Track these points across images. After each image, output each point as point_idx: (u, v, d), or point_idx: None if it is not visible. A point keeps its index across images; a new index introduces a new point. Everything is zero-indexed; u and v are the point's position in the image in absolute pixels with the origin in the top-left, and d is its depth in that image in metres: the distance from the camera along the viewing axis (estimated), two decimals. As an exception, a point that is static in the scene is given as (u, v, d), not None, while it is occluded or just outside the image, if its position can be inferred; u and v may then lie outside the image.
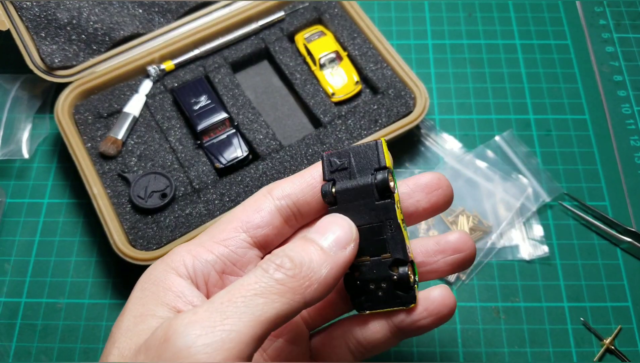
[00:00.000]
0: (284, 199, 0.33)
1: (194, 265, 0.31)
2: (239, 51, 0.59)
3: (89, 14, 0.58)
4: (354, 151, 0.32)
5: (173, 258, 0.31)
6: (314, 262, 0.28)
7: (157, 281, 0.30)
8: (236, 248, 0.32)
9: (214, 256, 0.31)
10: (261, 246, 0.33)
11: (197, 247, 0.32)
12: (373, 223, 0.31)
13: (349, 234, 0.30)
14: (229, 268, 0.32)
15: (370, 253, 0.32)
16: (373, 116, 0.55)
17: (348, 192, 0.32)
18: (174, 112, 0.57)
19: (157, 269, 0.31)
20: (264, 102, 0.58)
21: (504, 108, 0.60)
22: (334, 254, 0.29)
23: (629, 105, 0.60)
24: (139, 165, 0.53)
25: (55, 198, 0.56)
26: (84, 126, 0.55)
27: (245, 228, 0.32)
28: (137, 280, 0.31)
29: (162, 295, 0.29)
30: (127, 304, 0.30)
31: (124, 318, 0.29)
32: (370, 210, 0.31)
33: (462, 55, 0.63)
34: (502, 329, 0.49)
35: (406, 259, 0.31)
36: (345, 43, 0.59)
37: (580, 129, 0.59)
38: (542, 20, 0.65)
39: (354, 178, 0.32)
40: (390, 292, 0.32)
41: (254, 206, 0.33)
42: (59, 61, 0.57)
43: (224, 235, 0.32)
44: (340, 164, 0.32)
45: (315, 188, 0.33)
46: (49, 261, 0.53)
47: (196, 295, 0.30)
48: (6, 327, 0.50)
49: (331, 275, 0.29)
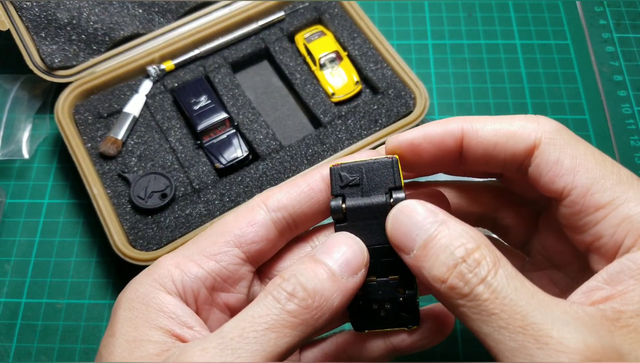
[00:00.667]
0: (280, 211, 0.31)
1: (183, 281, 0.29)
2: (239, 51, 0.59)
3: (89, 14, 0.58)
4: (366, 167, 0.31)
5: (159, 272, 0.29)
6: (326, 291, 0.27)
7: (146, 299, 0.29)
8: (228, 264, 0.30)
9: (204, 271, 0.30)
10: (254, 260, 0.31)
11: (186, 261, 0.30)
12: (384, 244, 0.30)
13: (361, 259, 0.29)
14: (220, 284, 0.30)
15: (378, 273, 0.31)
16: (373, 116, 0.55)
17: (360, 210, 0.30)
18: (174, 112, 0.57)
19: (144, 285, 0.29)
20: (264, 102, 0.58)
21: (504, 108, 0.60)
22: (345, 281, 0.28)
23: (629, 105, 0.60)
24: (139, 165, 0.53)
25: (55, 199, 0.56)
26: (84, 126, 0.55)
27: (238, 242, 0.30)
28: (121, 295, 0.30)
29: (153, 316, 0.28)
30: (115, 324, 0.28)
31: (115, 342, 0.28)
32: (382, 230, 0.30)
33: (462, 55, 0.63)
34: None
35: (414, 281, 0.31)
36: (345, 43, 0.59)
37: (580, 129, 0.59)
38: (542, 20, 0.65)
39: (367, 195, 0.31)
40: (394, 313, 0.31)
41: (248, 218, 0.31)
42: (59, 61, 0.57)
43: (214, 248, 0.30)
44: (351, 180, 0.31)
45: (312, 198, 0.31)
46: (49, 262, 0.52)
47: (188, 314, 0.29)
48: (6, 327, 0.50)
49: (342, 303, 0.28)
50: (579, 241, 0.30)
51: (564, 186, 0.28)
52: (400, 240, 0.28)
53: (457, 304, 0.26)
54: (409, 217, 0.28)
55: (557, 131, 0.29)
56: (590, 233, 0.28)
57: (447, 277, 0.26)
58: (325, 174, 0.32)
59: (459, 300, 0.25)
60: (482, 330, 0.25)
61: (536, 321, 0.24)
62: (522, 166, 0.30)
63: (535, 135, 0.29)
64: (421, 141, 0.31)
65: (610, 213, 0.27)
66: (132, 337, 0.27)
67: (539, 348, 0.24)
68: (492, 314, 0.25)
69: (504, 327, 0.24)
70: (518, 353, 0.24)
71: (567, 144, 0.29)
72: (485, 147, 0.30)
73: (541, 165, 0.29)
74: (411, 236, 0.27)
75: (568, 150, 0.29)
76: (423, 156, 0.31)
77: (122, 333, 0.28)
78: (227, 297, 0.31)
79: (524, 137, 0.29)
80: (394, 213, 0.29)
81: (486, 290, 0.25)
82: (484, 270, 0.25)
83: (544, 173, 0.29)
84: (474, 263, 0.25)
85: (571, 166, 0.28)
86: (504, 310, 0.24)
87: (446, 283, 0.26)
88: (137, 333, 0.28)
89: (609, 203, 0.27)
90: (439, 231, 0.27)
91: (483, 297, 0.25)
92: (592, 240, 0.28)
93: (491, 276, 0.25)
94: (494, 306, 0.25)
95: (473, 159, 0.31)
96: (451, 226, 0.27)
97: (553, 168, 0.28)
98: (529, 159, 0.29)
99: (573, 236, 0.30)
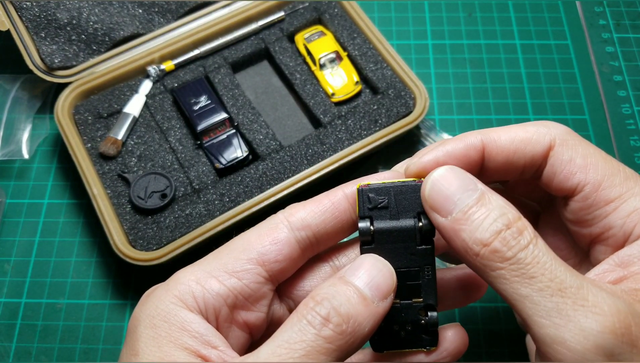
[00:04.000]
0: (304, 230, 0.31)
1: (205, 297, 0.29)
2: (239, 51, 0.59)
3: (89, 14, 0.58)
4: (395, 190, 0.31)
5: (180, 288, 0.29)
6: (359, 316, 0.27)
7: (168, 317, 0.28)
8: (250, 282, 0.30)
9: (226, 288, 0.29)
10: (275, 279, 0.31)
11: (207, 277, 0.29)
12: (411, 267, 0.31)
13: (391, 283, 0.29)
14: (241, 302, 0.30)
15: (402, 296, 0.31)
16: (373, 116, 0.55)
17: (388, 233, 0.30)
18: (174, 112, 0.57)
19: (164, 302, 0.29)
20: (264, 103, 0.58)
21: (504, 108, 0.60)
22: (376, 305, 0.28)
23: (629, 105, 0.60)
24: (139, 165, 0.53)
25: (55, 199, 0.56)
26: (84, 126, 0.55)
27: (261, 261, 0.30)
28: (139, 311, 0.29)
29: (177, 335, 0.27)
30: (137, 343, 0.28)
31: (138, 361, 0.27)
32: (410, 254, 0.30)
33: (462, 55, 0.63)
34: (502, 329, 0.49)
35: (436, 304, 0.31)
36: (345, 43, 0.59)
37: (580, 129, 0.59)
38: (542, 20, 0.65)
39: (395, 218, 0.31)
40: (414, 335, 0.31)
41: (272, 236, 0.30)
42: (58, 61, 0.57)
43: (237, 265, 0.30)
44: (380, 202, 0.31)
45: (336, 217, 0.31)
46: (49, 262, 0.52)
47: (212, 333, 0.28)
48: (6, 327, 0.50)
49: (372, 329, 0.28)
50: (585, 235, 0.32)
51: (578, 183, 0.31)
52: (439, 202, 0.29)
53: (495, 267, 0.27)
54: (449, 182, 0.29)
55: (568, 133, 0.32)
56: (600, 226, 0.31)
57: (491, 241, 0.27)
58: (348, 192, 0.32)
59: (499, 263, 0.27)
60: (519, 292, 0.27)
61: (573, 285, 0.26)
62: (539, 169, 0.32)
63: (550, 138, 0.31)
64: (446, 158, 0.32)
65: (620, 206, 0.30)
66: (158, 358, 0.27)
67: (575, 310, 0.25)
68: (532, 277, 0.26)
69: (543, 289, 0.26)
70: (554, 313, 0.26)
71: (577, 144, 0.31)
72: (507, 155, 0.32)
73: (556, 165, 0.31)
74: (452, 199, 0.29)
75: (579, 150, 0.31)
76: None
77: (146, 353, 0.27)
78: (247, 315, 0.31)
79: (540, 141, 0.31)
80: (435, 176, 0.30)
81: (529, 255, 0.27)
82: (527, 238, 0.27)
83: (558, 171, 0.31)
84: (517, 231, 0.27)
85: (583, 164, 0.31)
86: (544, 274, 0.26)
87: (489, 247, 0.27)
88: (162, 354, 0.27)
89: (618, 196, 0.30)
90: (481, 198, 0.28)
91: (526, 261, 0.27)
92: (601, 232, 0.31)
93: (533, 244, 0.27)
94: (535, 269, 0.26)
95: (494, 169, 0.32)
96: (492, 196, 0.29)
97: (567, 167, 0.31)
98: (545, 161, 0.32)
99: (579, 231, 0.32)
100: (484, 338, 0.48)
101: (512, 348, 0.48)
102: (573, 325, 0.25)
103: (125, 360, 0.28)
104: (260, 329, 0.31)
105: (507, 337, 0.48)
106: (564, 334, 0.25)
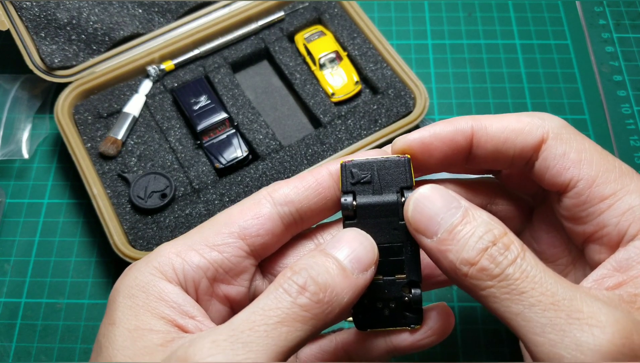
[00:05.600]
0: (287, 206, 0.31)
1: (184, 270, 0.29)
2: (239, 51, 0.59)
3: (88, 14, 0.58)
4: (378, 165, 0.31)
5: (160, 260, 0.29)
6: (337, 286, 0.27)
7: (147, 288, 0.28)
8: (231, 256, 0.30)
9: (206, 261, 0.29)
10: (257, 254, 0.31)
11: (187, 249, 0.29)
12: (393, 243, 0.30)
13: (372, 256, 0.29)
14: (221, 276, 0.30)
15: (385, 272, 0.31)
16: (373, 116, 0.55)
17: (371, 208, 0.30)
18: (174, 112, 0.57)
19: (143, 273, 0.29)
20: (263, 102, 0.58)
21: (504, 108, 0.60)
22: (356, 277, 0.28)
23: (629, 105, 0.60)
24: (138, 165, 0.53)
25: (55, 198, 0.56)
26: (83, 126, 0.55)
27: (242, 234, 0.30)
28: (119, 282, 0.29)
29: (154, 305, 0.28)
30: (115, 312, 0.28)
31: (116, 330, 0.27)
32: (392, 229, 0.30)
33: (462, 55, 0.63)
34: (502, 329, 0.49)
35: (420, 280, 0.31)
36: (345, 43, 0.59)
37: (580, 129, 0.58)
38: (542, 20, 0.65)
39: (378, 193, 0.31)
40: (398, 312, 0.31)
41: (254, 211, 0.30)
42: (58, 61, 0.57)
43: (218, 239, 0.30)
44: (362, 177, 0.31)
45: (320, 194, 0.31)
46: (49, 262, 0.53)
47: (190, 303, 0.28)
48: (6, 327, 0.50)
49: (351, 300, 0.27)
50: (578, 233, 0.31)
51: (571, 178, 0.30)
52: (423, 223, 0.28)
53: (485, 285, 0.26)
54: (432, 202, 0.28)
55: (563, 127, 0.31)
56: (593, 223, 0.29)
57: (478, 260, 0.26)
58: (333, 170, 0.32)
59: (487, 282, 0.26)
60: (510, 310, 0.26)
61: (566, 297, 0.25)
62: (530, 161, 0.31)
63: (543, 130, 0.30)
64: (432, 139, 0.31)
65: (614, 204, 0.29)
66: (134, 326, 0.27)
67: (570, 324, 0.24)
68: (522, 292, 0.25)
69: (534, 304, 0.25)
70: (549, 329, 0.25)
71: (572, 138, 0.30)
72: (496, 143, 0.31)
73: (548, 158, 0.30)
74: (435, 219, 0.28)
75: (574, 144, 0.30)
76: (434, 155, 0.32)
77: (123, 321, 0.27)
78: (228, 289, 0.31)
79: (532, 132, 0.30)
80: (417, 197, 0.29)
81: (517, 270, 0.26)
82: (514, 252, 0.26)
83: (551, 166, 0.30)
84: (503, 247, 0.27)
85: (577, 159, 0.30)
86: (535, 288, 0.25)
87: (476, 266, 0.26)
88: (138, 322, 0.27)
89: (612, 194, 0.29)
90: (466, 215, 0.28)
91: (514, 277, 0.26)
92: (595, 230, 0.30)
93: (521, 258, 0.26)
94: (524, 284, 0.26)
95: (482, 157, 0.32)
96: (476, 212, 0.28)
97: (560, 161, 0.30)
98: (536, 154, 0.31)
99: (573, 228, 0.31)
100: (484, 338, 0.48)
101: (512, 348, 0.48)
102: (569, 340, 0.24)
103: (103, 329, 0.28)
104: (241, 304, 0.31)
105: (507, 337, 0.48)
106: (560, 350, 0.24)
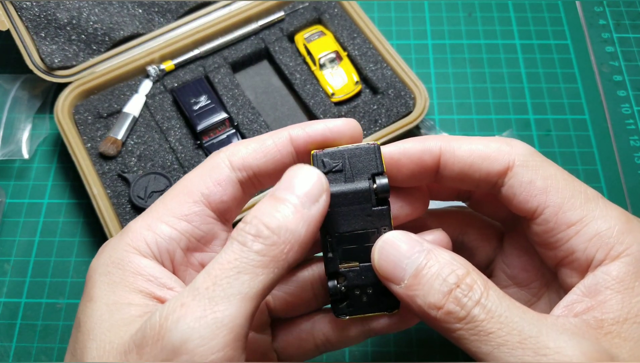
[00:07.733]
0: (245, 171, 0.31)
1: (157, 243, 0.29)
2: (239, 51, 0.59)
3: (88, 14, 0.58)
4: (349, 153, 0.31)
5: (132, 236, 0.29)
6: (290, 223, 0.27)
7: (122, 264, 0.28)
8: (200, 224, 0.30)
9: (177, 232, 0.29)
10: (224, 218, 0.31)
11: (157, 222, 0.29)
12: (367, 229, 0.31)
13: (319, 185, 0.28)
14: (194, 244, 0.30)
15: (360, 259, 0.31)
16: (373, 116, 0.55)
17: (344, 196, 0.31)
18: (174, 112, 0.57)
19: (117, 250, 0.29)
20: (263, 102, 0.58)
21: (503, 108, 0.60)
22: (308, 209, 0.27)
23: (629, 105, 0.60)
24: (138, 165, 0.53)
25: (55, 198, 0.56)
26: (83, 126, 0.55)
27: (207, 202, 0.30)
28: (95, 262, 0.29)
29: (131, 280, 0.28)
30: (92, 289, 0.28)
31: (94, 306, 0.27)
32: (365, 216, 0.31)
33: (462, 55, 0.63)
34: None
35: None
36: (345, 43, 0.59)
37: (580, 129, 0.59)
38: (542, 20, 0.65)
39: (350, 181, 0.31)
40: (375, 297, 0.31)
41: (214, 177, 0.30)
42: (58, 61, 0.57)
43: (184, 209, 0.30)
44: (334, 166, 0.31)
45: (278, 160, 0.31)
46: (48, 262, 0.53)
47: (167, 275, 0.29)
48: (6, 327, 0.50)
49: (309, 232, 0.27)
50: (550, 257, 0.31)
51: (537, 205, 0.30)
52: (390, 270, 0.29)
53: (453, 328, 0.27)
54: (395, 248, 0.29)
55: (530, 154, 0.31)
56: (563, 249, 0.30)
57: (444, 303, 0.27)
58: (293, 134, 0.31)
59: (455, 324, 0.27)
60: (480, 350, 0.26)
61: (532, 334, 0.25)
62: (496, 186, 0.31)
63: (509, 158, 0.31)
64: (400, 156, 0.32)
65: (581, 230, 0.29)
66: (112, 301, 0.27)
67: (538, 361, 0.25)
68: (489, 333, 0.26)
69: (502, 344, 0.25)
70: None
71: (539, 166, 0.30)
72: (462, 166, 0.31)
73: (515, 186, 0.30)
74: (400, 266, 0.28)
75: (540, 171, 0.30)
76: (402, 171, 0.32)
77: (101, 297, 0.27)
78: (203, 257, 0.31)
79: (498, 159, 0.31)
80: (380, 245, 0.29)
81: (482, 311, 0.26)
82: (477, 293, 0.27)
83: (517, 192, 0.30)
84: (467, 288, 0.27)
85: (543, 186, 0.30)
86: (501, 328, 0.26)
87: (443, 309, 0.27)
88: (116, 297, 0.27)
89: (579, 220, 0.29)
90: (428, 259, 0.28)
91: (480, 318, 0.26)
92: (565, 255, 0.30)
93: (484, 298, 0.26)
94: (490, 325, 0.26)
95: (449, 177, 0.32)
96: (438, 253, 0.28)
97: (527, 189, 0.30)
98: (502, 180, 0.31)
99: (545, 253, 0.31)
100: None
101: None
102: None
103: (82, 306, 0.28)
104: None
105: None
106: None
